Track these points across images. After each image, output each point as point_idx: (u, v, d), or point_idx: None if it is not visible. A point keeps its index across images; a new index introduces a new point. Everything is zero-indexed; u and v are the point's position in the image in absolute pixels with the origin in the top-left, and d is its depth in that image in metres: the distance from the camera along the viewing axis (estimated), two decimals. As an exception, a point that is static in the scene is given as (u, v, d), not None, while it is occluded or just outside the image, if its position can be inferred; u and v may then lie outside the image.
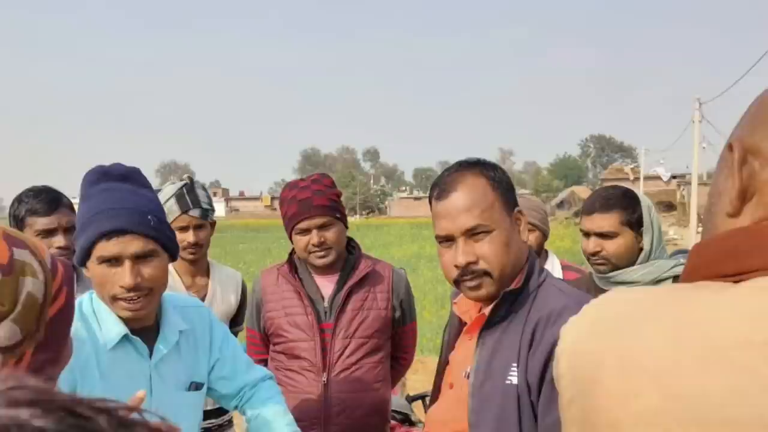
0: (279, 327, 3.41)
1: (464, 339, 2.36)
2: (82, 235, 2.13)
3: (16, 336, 1.20)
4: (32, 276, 1.24)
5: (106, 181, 2.16)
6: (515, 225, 2.24)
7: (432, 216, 2.31)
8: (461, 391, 2.22)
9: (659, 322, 0.94)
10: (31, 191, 3.34)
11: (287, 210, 3.36)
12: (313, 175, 3.47)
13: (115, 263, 2.12)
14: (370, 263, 3.50)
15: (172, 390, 2.34)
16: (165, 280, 2.27)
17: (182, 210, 3.53)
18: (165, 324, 2.36)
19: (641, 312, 0.98)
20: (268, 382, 2.65)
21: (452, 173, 2.26)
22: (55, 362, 1.34)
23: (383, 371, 3.45)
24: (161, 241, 2.19)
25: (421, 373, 9.30)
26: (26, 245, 1.27)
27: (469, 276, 2.18)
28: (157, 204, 2.27)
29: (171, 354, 2.35)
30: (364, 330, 3.37)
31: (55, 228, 3.26)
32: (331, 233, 3.33)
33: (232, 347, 2.60)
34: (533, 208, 4.26)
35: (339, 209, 3.38)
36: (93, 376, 2.15)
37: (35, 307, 1.24)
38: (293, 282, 3.42)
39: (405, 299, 3.55)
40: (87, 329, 2.21)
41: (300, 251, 3.39)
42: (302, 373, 3.34)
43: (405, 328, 3.60)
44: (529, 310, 2.14)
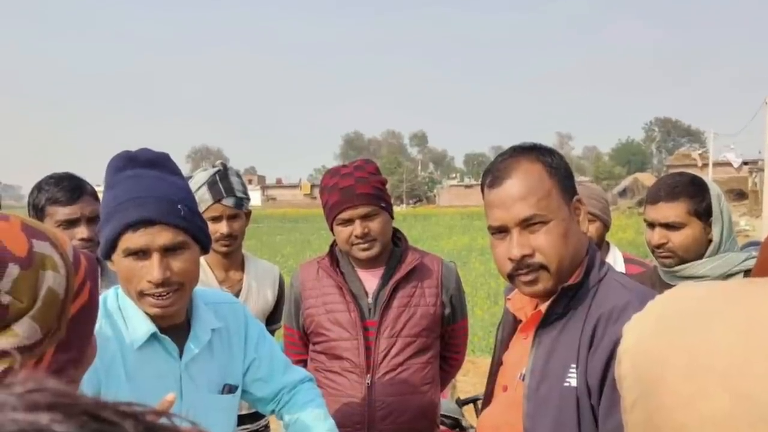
0: (319, 325, 3.41)
1: (519, 338, 2.36)
2: (106, 226, 2.13)
3: (36, 335, 1.19)
4: (53, 270, 1.24)
5: (133, 168, 2.16)
6: (574, 215, 2.23)
7: (484, 205, 2.30)
8: (516, 394, 2.23)
9: (729, 319, 0.93)
10: (51, 178, 3.35)
11: (328, 199, 3.36)
12: (356, 162, 3.47)
13: (143, 256, 2.12)
14: (418, 256, 3.48)
15: (204, 393, 2.34)
16: (196, 274, 2.27)
17: (215, 199, 3.54)
18: (196, 322, 2.36)
19: (710, 308, 0.98)
20: (308, 385, 2.65)
21: (506, 159, 2.25)
22: (77, 363, 1.34)
23: (431, 372, 3.44)
24: (192, 233, 2.19)
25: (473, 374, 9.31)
26: (46, 237, 1.27)
27: (524, 270, 2.18)
28: (188, 192, 2.26)
29: (203, 354, 2.35)
30: (411, 328, 3.36)
31: (78, 218, 3.27)
32: (375, 224, 3.32)
33: (269, 347, 2.59)
34: (593, 196, 4.22)
35: (384, 198, 3.37)
36: (118, 377, 2.16)
37: (56, 303, 1.23)
38: (335, 276, 3.41)
39: (455, 295, 3.54)
40: (112, 327, 2.22)
41: (342, 243, 3.39)
42: (344, 374, 3.34)
43: (455, 326, 3.59)
44: (589, 306, 2.14)
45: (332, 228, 3.41)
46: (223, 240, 3.60)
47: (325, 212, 3.43)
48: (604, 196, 4.46)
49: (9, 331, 1.15)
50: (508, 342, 2.46)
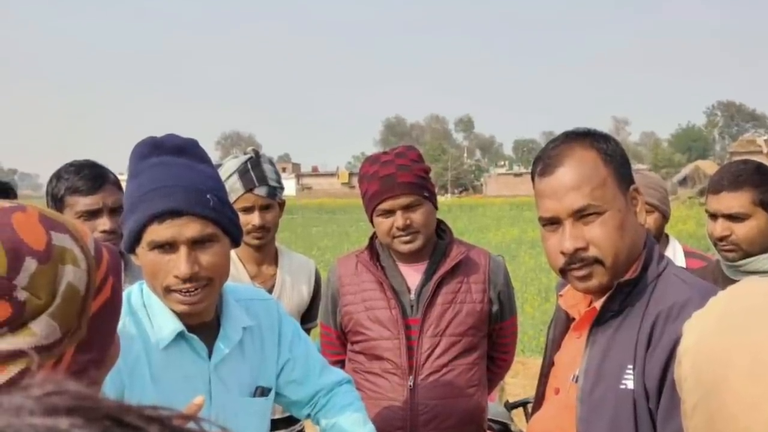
0: (358, 323, 3.41)
1: (572, 337, 2.36)
2: (130, 217, 2.14)
3: (55, 333, 1.19)
4: (73, 264, 1.24)
5: (159, 155, 2.16)
6: (631, 205, 2.22)
7: (535, 195, 2.30)
8: (568, 397, 2.23)
9: None
10: (71, 166, 3.36)
11: (368, 188, 3.36)
12: (398, 148, 3.46)
13: (169, 249, 2.12)
14: (464, 249, 3.47)
15: (235, 395, 2.35)
16: (226, 268, 2.27)
17: (246, 188, 3.54)
18: (226, 319, 2.37)
19: None
20: (346, 387, 2.65)
21: (558, 146, 2.24)
22: (99, 364, 1.34)
23: (478, 374, 3.44)
24: (222, 224, 2.18)
25: (522, 376, 9.31)
26: (66, 229, 1.27)
27: (577, 264, 2.17)
28: (218, 181, 2.27)
29: (233, 354, 2.35)
30: (456, 326, 3.36)
31: (100, 209, 3.27)
32: (418, 215, 3.30)
33: (304, 346, 2.60)
34: (651, 185, 4.20)
35: (427, 187, 3.36)
36: (143, 379, 2.17)
37: (76, 299, 1.23)
38: (374, 271, 3.41)
39: (504, 291, 3.53)
40: (136, 325, 2.22)
41: (382, 235, 3.38)
42: (385, 376, 3.35)
43: (503, 324, 3.58)
44: (647, 303, 2.13)
45: (372, 219, 3.41)
46: (256, 232, 3.61)
47: (364, 202, 3.43)
48: (663, 185, 4.44)
49: (26, 330, 1.15)
50: (560, 341, 2.47)
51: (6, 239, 1.15)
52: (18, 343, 1.14)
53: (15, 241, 1.16)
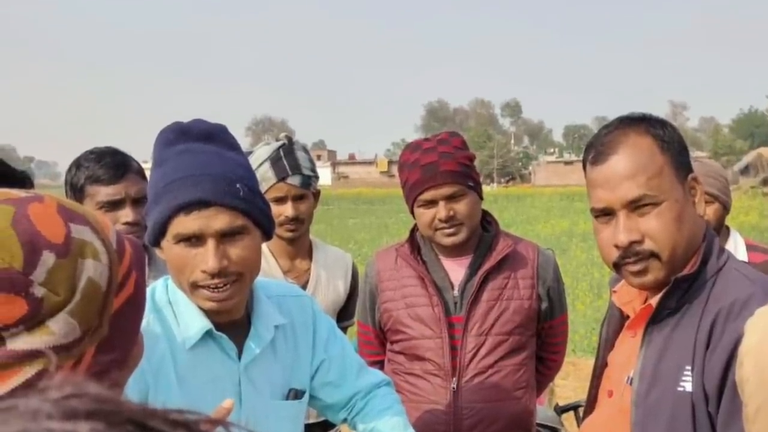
0: (398, 321, 3.41)
1: (626, 336, 2.36)
2: (155, 208, 2.14)
3: (74, 332, 1.19)
4: (94, 258, 1.23)
5: (185, 142, 2.16)
6: (689, 195, 2.22)
7: (587, 184, 2.30)
8: (622, 400, 2.23)
9: None
10: (92, 154, 3.35)
11: (408, 177, 3.35)
12: (440, 135, 3.45)
13: (196, 243, 2.11)
14: (511, 243, 3.45)
15: (266, 398, 2.35)
16: (257, 263, 2.26)
17: (279, 177, 3.55)
18: (257, 317, 2.36)
19: None
20: (385, 389, 2.65)
21: (612, 132, 2.24)
22: (121, 364, 1.34)
23: (526, 376, 3.43)
24: (253, 216, 2.18)
25: (573, 377, 9.30)
26: (86, 220, 1.27)
27: (632, 258, 2.17)
28: (248, 170, 2.26)
29: (265, 354, 2.35)
30: (502, 325, 3.35)
31: (122, 199, 3.27)
32: (461, 205, 3.29)
33: (341, 346, 2.60)
34: (711, 174, 4.17)
35: (471, 176, 3.34)
36: (168, 381, 2.17)
37: (97, 296, 1.23)
38: (415, 266, 3.41)
39: (553, 287, 3.52)
40: (161, 324, 2.23)
41: (424, 228, 3.37)
42: (426, 377, 3.35)
43: (553, 322, 3.57)
44: (707, 300, 2.12)
45: (413, 210, 3.40)
46: (288, 224, 3.62)
47: (404, 192, 3.43)
48: (724, 173, 4.40)
49: (43, 329, 1.15)
50: (613, 340, 2.47)
51: (22, 232, 1.15)
52: (35, 343, 1.14)
53: (32, 234, 1.16)
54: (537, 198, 62.54)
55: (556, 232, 30.77)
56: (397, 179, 3.56)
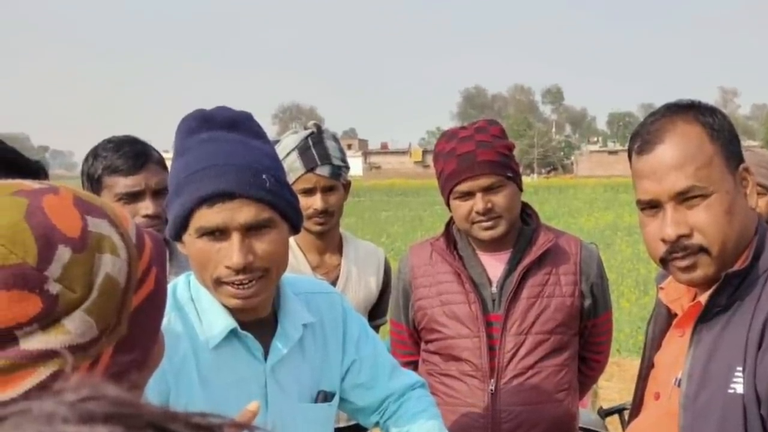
0: (433, 320, 3.41)
1: (674, 335, 2.35)
2: (176, 200, 2.14)
3: (91, 331, 1.19)
4: (112, 253, 1.23)
5: (208, 130, 2.16)
6: (740, 187, 2.21)
7: (632, 175, 2.30)
8: (670, 402, 2.22)
9: None
10: (110, 143, 3.35)
11: (444, 167, 3.34)
12: (478, 123, 3.44)
13: (220, 236, 2.11)
14: (552, 237, 3.44)
15: (294, 401, 2.35)
16: (284, 258, 2.26)
17: (307, 167, 3.55)
18: (285, 315, 2.36)
19: None
20: (419, 392, 2.65)
21: (658, 120, 2.23)
22: (141, 365, 1.33)
23: (568, 377, 3.42)
24: (280, 208, 2.17)
25: (618, 379, 9.30)
26: (104, 213, 1.26)
27: (680, 253, 2.16)
28: (275, 159, 2.26)
29: (292, 354, 2.35)
30: (543, 323, 3.34)
31: (142, 191, 3.26)
32: (500, 197, 3.28)
33: (372, 346, 2.60)
34: (764, 164, 4.13)
35: (511, 166, 3.33)
36: (191, 382, 2.18)
37: (116, 293, 1.23)
38: (452, 261, 3.40)
39: (597, 283, 3.50)
40: (183, 322, 2.23)
41: (460, 221, 3.37)
42: (463, 379, 3.34)
43: (597, 320, 3.56)
44: (759, 297, 2.10)
45: (448, 203, 3.39)
46: (317, 217, 3.61)
47: (439, 183, 3.42)
48: (776, 164, 4.35)
49: (59, 327, 1.15)
50: (660, 340, 2.45)
51: (36, 225, 1.15)
52: (50, 342, 1.13)
53: (46, 227, 1.16)
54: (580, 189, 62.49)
55: (599, 226, 30.75)
56: (432, 170, 3.56)
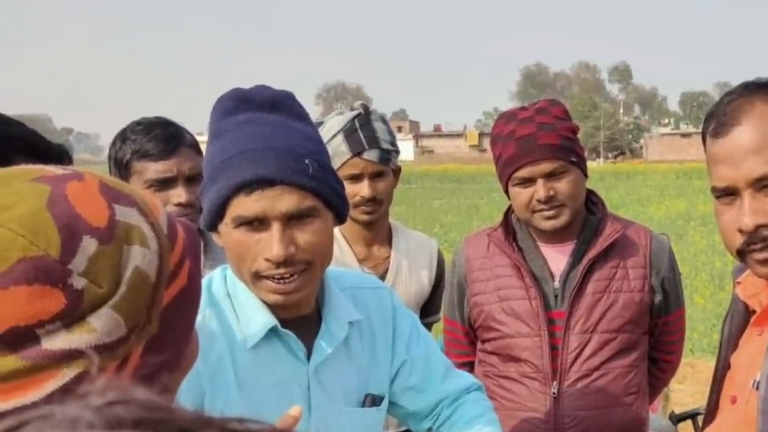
0: (490, 317, 3.41)
1: (752, 333, 2.32)
2: (211, 187, 2.13)
3: (119, 329, 1.19)
4: (141, 244, 1.23)
5: (246, 111, 2.16)
6: None
7: (707, 160, 2.26)
8: (748, 407, 2.19)
9: None
10: (139, 125, 3.33)
11: (502, 152, 3.33)
12: (539, 103, 3.43)
13: (259, 226, 2.10)
14: (619, 227, 3.42)
15: (339, 405, 2.35)
16: (329, 250, 2.25)
17: (354, 152, 3.54)
18: (329, 312, 2.36)
19: None
20: (475, 395, 2.64)
21: (735, 100, 2.19)
22: (173, 366, 1.34)
23: (637, 379, 3.40)
24: (324, 196, 2.17)
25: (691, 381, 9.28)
26: (133, 201, 1.26)
27: (758, 244, 2.12)
28: (319, 143, 2.25)
29: (337, 355, 2.35)
30: (610, 321, 3.33)
31: (174, 177, 3.25)
32: (563, 184, 3.26)
33: (425, 345, 2.59)
34: None
35: (575, 150, 3.31)
36: (227, 385, 2.18)
37: (145, 288, 1.23)
38: (510, 253, 3.39)
39: (668, 277, 3.48)
40: (219, 320, 2.23)
41: (520, 210, 3.36)
42: (523, 381, 3.34)
43: (668, 318, 3.54)
44: None
45: (507, 190, 3.39)
46: (365, 205, 3.60)
47: (497, 169, 3.41)
48: None
49: (84, 325, 1.15)
50: (737, 339, 2.43)
51: (59, 214, 1.14)
52: (74, 342, 1.13)
53: (70, 217, 1.15)
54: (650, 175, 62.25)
55: (671, 215, 30.63)
56: (489, 154, 3.56)
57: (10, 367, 1.09)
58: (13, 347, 1.09)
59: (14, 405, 1.10)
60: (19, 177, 1.19)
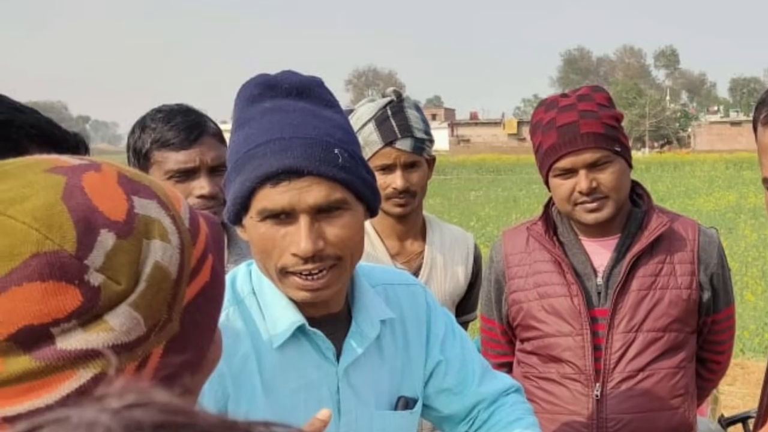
0: (529, 315, 3.40)
1: None
2: (236, 179, 2.13)
3: (138, 328, 1.19)
4: (161, 239, 1.23)
5: (273, 98, 2.15)
6: None
7: (758, 149, 2.26)
8: None
9: None
10: (160, 112, 3.32)
11: (542, 141, 3.32)
12: (581, 89, 3.42)
13: (286, 220, 2.09)
14: (666, 220, 3.40)
15: (370, 408, 2.35)
16: (359, 244, 2.24)
17: (385, 141, 3.53)
18: (360, 310, 2.35)
19: None
20: (513, 397, 2.64)
21: None
22: (195, 367, 1.34)
23: (684, 381, 3.40)
24: (354, 187, 2.16)
25: (741, 383, 9.23)
26: (153, 193, 1.26)
27: None
28: (349, 132, 2.25)
29: (369, 355, 2.35)
30: (656, 319, 3.32)
31: (196, 167, 3.23)
32: (606, 175, 3.25)
33: (460, 345, 2.58)
34: None
35: (619, 139, 3.30)
36: (252, 387, 2.18)
37: (166, 285, 1.23)
38: (551, 248, 3.39)
39: (718, 273, 3.46)
40: (244, 318, 2.23)
41: (561, 202, 3.35)
42: (564, 383, 3.34)
43: (717, 316, 3.52)
44: None
45: (547, 181, 3.38)
46: (397, 197, 3.59)
47: (537, 159, 3.40)
48: None
49: (101, 324, 1.15)
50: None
51: (75, 207, 1.14)
52: (90, 341, 1.13)
53: (87, 210, 1.15)
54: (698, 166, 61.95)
55: (720, 207, 30.51)
56: (529, 143, 3.55)
57: (23, 368, 1.09)
58: (26, 347, 1.09)
59: (28, 408, 1.10)
60: (32, 167, 1.19)
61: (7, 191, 1.13)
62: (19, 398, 1.10)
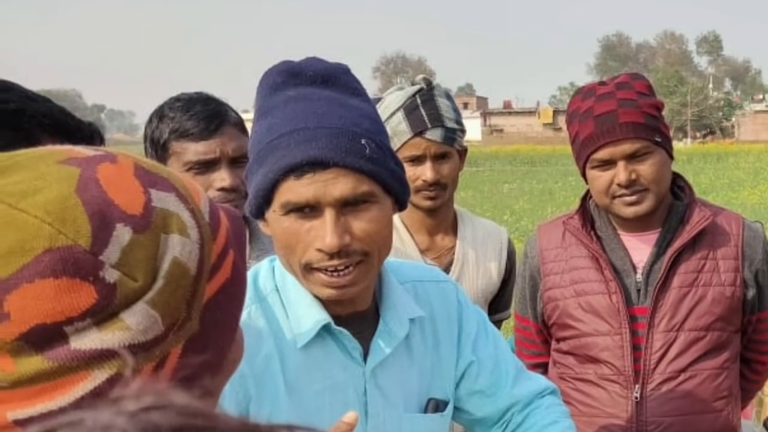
0: (566, 313, 3.40)
1: None
2: (258, 170, 2.12)
3: (156, 327, 1.19)
4: (180, 233, 1.23)
5: (297, 86, 2.14)
6: None
7: None
8: None
9: None
10: (178, 101, 3.31)
11: (579, 131, 3.31)
12: (620, 77, 3.40)
13: (310, 213, 2.08)
14: (708, 214, 3.38)
15: (399, 410, 2.34)
16: (387, 239, 2.23)
17: (415, 131, 3.52)
18: (388, 308, 2.34)
19: None
20: (549, 399, 2.63)
21: None
22: (215, 368, 1.34)
23: (728, 382, 3.39)
24: (382, 179, 2.15)
25: (789, 385, 9.09)
26: (171, 186, 1.26)
27: None
28: (376, 121, 2.23)
29: (397, 355, 2.34)
30: (698, 318, 3.30)
31: (217, 158, 3.22)
32: (646, 166, 3.23)
33: (493, 345, 2.58)
34: None
35: (659, 129, 3.28)
36: (275, 388, 2.17)
37: (185, 281, 1.23)
38: (588, 243, 3.38)
39: (763, 270, 3.45)
40: (266, 317, 2.23)
41: (599, 195, 3.34)
42: (602, 384, 3.34)
43: (763, 314, 3.51)
44: None
45: (584, 173, 3.37)
46: (427, 190, 3.58)
47: (574, 150, 3.39)
48: None
49: (117, 323, 1.15)
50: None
51: (90, 200, 1.14)
52: (106, 341, 1.13)
53: (102, 203, 1.15)
54: (742, 157, 61.75)
55: (766, 201, 30.35)
56: (565, 133, 3.54)
57: (36, 369, 1.09)
58: (38, 347, 1.10)
59: (41, 410, 1.10)
60: (45, 159, 1.19)
61: (18, 183, 1.13)
62: (31, 400, 1.10)
